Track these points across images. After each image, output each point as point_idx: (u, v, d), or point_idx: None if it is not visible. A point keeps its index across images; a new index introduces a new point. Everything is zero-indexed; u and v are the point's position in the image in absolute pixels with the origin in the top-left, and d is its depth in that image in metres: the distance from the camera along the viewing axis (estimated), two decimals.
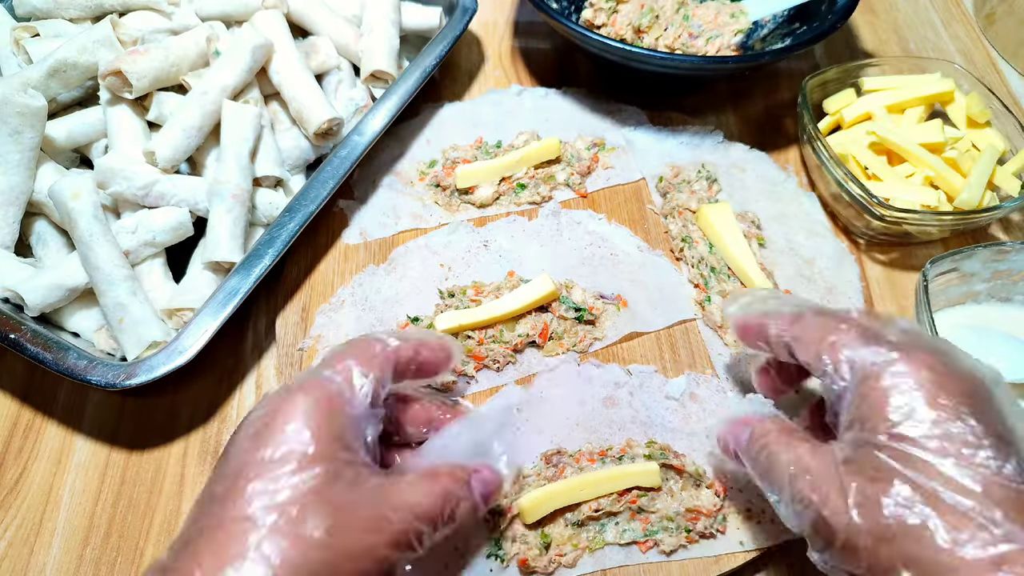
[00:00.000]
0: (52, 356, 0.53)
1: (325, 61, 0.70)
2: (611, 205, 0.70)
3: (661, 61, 0.66)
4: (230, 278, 0.57)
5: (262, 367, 0.62)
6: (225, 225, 0.59)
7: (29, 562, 0.53)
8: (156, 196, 0.60)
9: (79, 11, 0.68)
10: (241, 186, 0.60)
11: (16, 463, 0.57)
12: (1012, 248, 0.60)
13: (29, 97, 0.57)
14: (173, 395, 0.60)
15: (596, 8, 0.76)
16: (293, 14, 0.72)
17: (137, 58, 0.61)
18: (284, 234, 0.59)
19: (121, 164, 0.59)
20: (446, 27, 0.73)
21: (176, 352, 0.53)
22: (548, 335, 0.59)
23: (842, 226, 0.70)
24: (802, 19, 0.76)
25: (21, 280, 0.56)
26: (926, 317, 0.56)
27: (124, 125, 0.62)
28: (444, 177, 0.69)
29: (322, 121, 0.65)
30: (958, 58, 0.86)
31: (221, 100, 0.62)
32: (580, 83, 0.80)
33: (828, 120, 0.72)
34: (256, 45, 0.64)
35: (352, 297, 0.63)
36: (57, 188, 0.56)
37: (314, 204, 0.61)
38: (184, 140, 0.61)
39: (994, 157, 0.65)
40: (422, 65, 0.69)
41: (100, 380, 0.52)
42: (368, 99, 0.71)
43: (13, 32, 0.66)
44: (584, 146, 0.72)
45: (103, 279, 0.55)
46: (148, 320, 0.56)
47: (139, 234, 0.59)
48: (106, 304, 0.56)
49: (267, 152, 0.64)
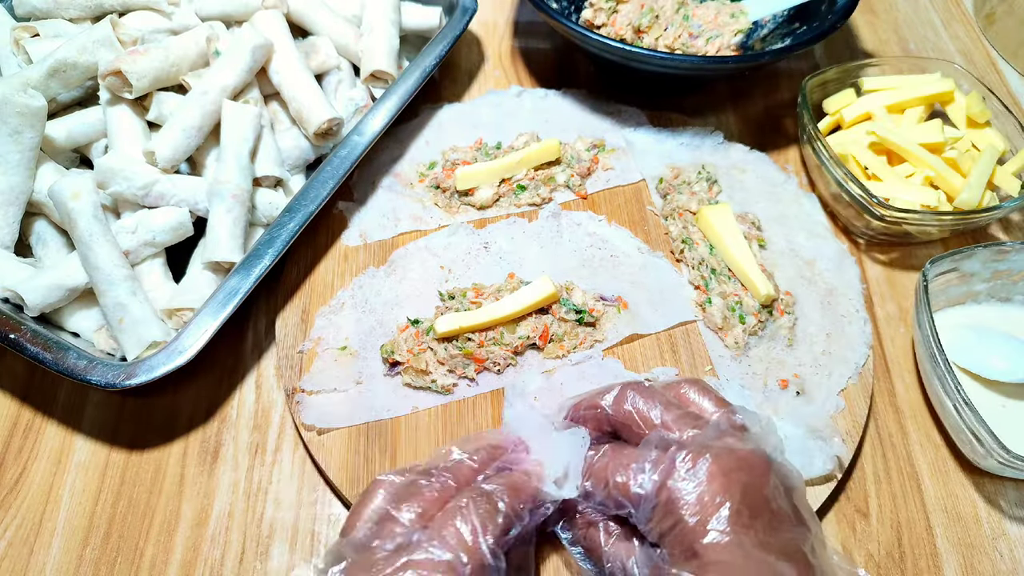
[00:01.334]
0: (52, 356, 0.53)
1: (325, 61, 0.70)
2: (611, 206, 0.70)
3: (661, 61, 0.66)
4: (230, 278, 0.57)
5: (262, 367, 0.62)
6: (225, 225, 0.59)
7: (29, 562, 0.53)
8: (156, 196, 0.60)
9: (79, 11, 0.68)
10: (241, 186, 0.60)
11: (16, 463, 0.57)
12: (1012, 248, 0.60)
13: (29, 97, 0.57)
14: (173, 395, 0.60)
15: (596, 8, 0.76)
16: (293, 14, 0.72)
17: (137, 58, 0.61)
18: (284, 234, 0.59)
19: (121, 164, 0.59)
20: (446, 27, 0.73)
21: (176, 352, 0.53)
22: (548, 337, 0.59)
23: (842, 226, 0.70)
24: (802, 19, 0.76)
25: (21, 280, 0.56)
26: (926, 317, 0.56)
27: (124, 125, 0.62)
28: (444, 179, 0.69)
29: (322, 121, 0.65)
30: (958, 58, 0.86)
31: (221, 100, 0.62)
32: (580, 84, 0.80)
33: (828, 120, 0.72)
34: (256, 45, 0.64)
35: (352, 299, 0.63)
36: (57, 188, 0.56)
37: (314, 204, 0.61)
38: (184, 140, 0.61)
39: (994, 157, 0.65)
40: (422, 65, 0.69)
41: (100, 380, 0.52)
42: (368, 99, 0.71)
43: (13, 32, 0.67)
44: (584, 147, 0.72)
45: (103, 279, 0.55)
46: (148, 320, 0.56)
47: (139, 234, 0.59)
48: (106, 304, 0.56)
49: (267, 152, 0.64)
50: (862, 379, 0.59)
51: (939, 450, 0.59)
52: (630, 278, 0.64)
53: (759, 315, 0.61)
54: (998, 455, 0.51)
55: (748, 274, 0.62)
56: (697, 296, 0.63)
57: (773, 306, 0.62)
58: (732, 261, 0.63)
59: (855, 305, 0.63)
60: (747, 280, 0.62)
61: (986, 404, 0.58)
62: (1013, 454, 0.50)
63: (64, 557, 0.53)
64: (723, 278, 0.63)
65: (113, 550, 0.53)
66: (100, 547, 0.53)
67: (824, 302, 0.63)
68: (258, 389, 0.61)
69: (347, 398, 0.57)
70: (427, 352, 0.58)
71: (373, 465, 0.54)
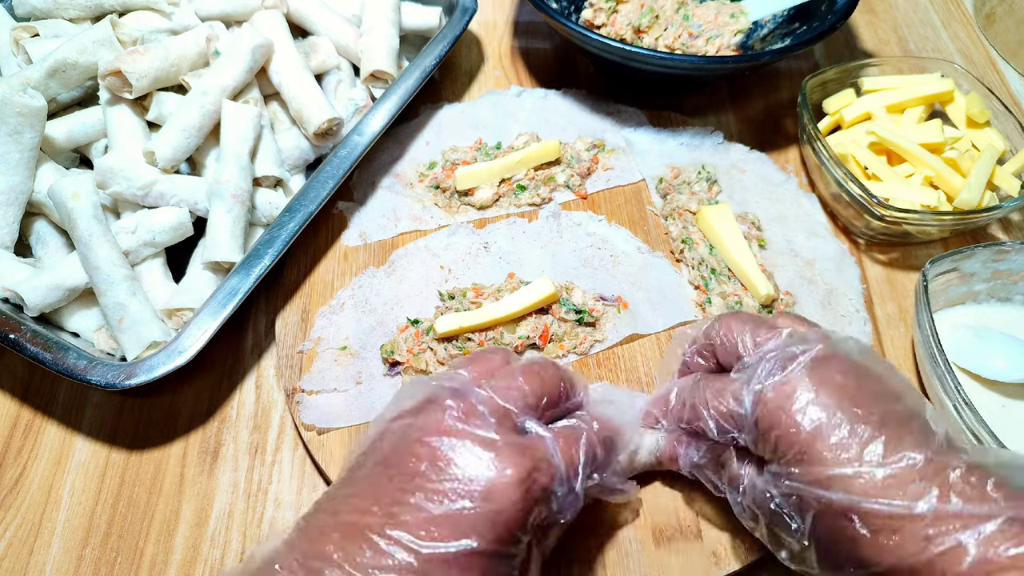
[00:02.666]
0: (52, 356, 0.53)
1: (325, 61, 0.70)
2: (611, 206, 0.70)
3: (661, 61, 0.66)
4: (230, 278, 0.57)
5: (262, 367, 0.62)
6: (225, 225, 0.59)
7: (29, 562, 0.53)
8: (156, 196, 0.60)
9: (79, 11, 0.68)
10: (241, 186, 0.60)
11: (16, 463, 0.57)
12: (1012, 248, 0.60)
13: (29, 97, 0.57)
14: (173, 395, 0.60)
15: (596, 8, 0.76)
16: (293, 14, 0.72)
17: (137, 58, 0.61)
18: (284, 234, 0.59)
19: (121, 164, 0.59)
20: (446, 27, 0.73)
21: (176, 352, 0.53)
22: (548, 337, 0.59)
23: (842, 226, 0.70)
24: (802, 19, 0.76)
25: (21, 280, 0.56)
26: (926, 317, 0.56)
27: (124, 125, 0.62)
28: (444, 179, 0.69)
29: (322, 121, 0.65)
30: (958, 58, 0.86)
31: (221, 100, 0.62)
32: (580, 84, 0.80)
33: (828, 120, 0.72)
34: (256, 45, 0.64)
35: (352, 299, 0.63)
36: (57, 188, 0.56)
37: (314, 204, 0.61)
38: (184, 140, 0.61)
39: (994, 157, 0.65)
40: (422, 65, 0.69)
41: (100, 380, 0.52)
42: (368, 99, 0.71)
43: (13, 32, 0.67)
44: (584, 147, 0.72)
45: (103, 279, 0.55)
46: (148, 320, 0.56)
47: (139, 234, 0.59)
48: (106, 304, 0.56)
49: (267, 152, 0.64)
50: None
51: None
52: (630, 278, 0.64)
53: None
54: None
55: (748, 274, 0.62)
56: (697, 296, 0.63)
57: (773, 306, 0.62)
58: (732, 261, 0.63)
59: (855, 305, 0.63)
60: (747, 280, 0.62)
61: (986, 404, 0.58)
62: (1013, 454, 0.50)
63: (64, 557, 0.53)
64: (723, 278, 0.63)
65: (113, 550, 0.53)
66: (100, 547, 0.53)
67: (824, 302, 0.63)
68: (258, 389, 0.61)
69: (347, 398, 0.57)
70: (427, 352, 0.58)
71: None
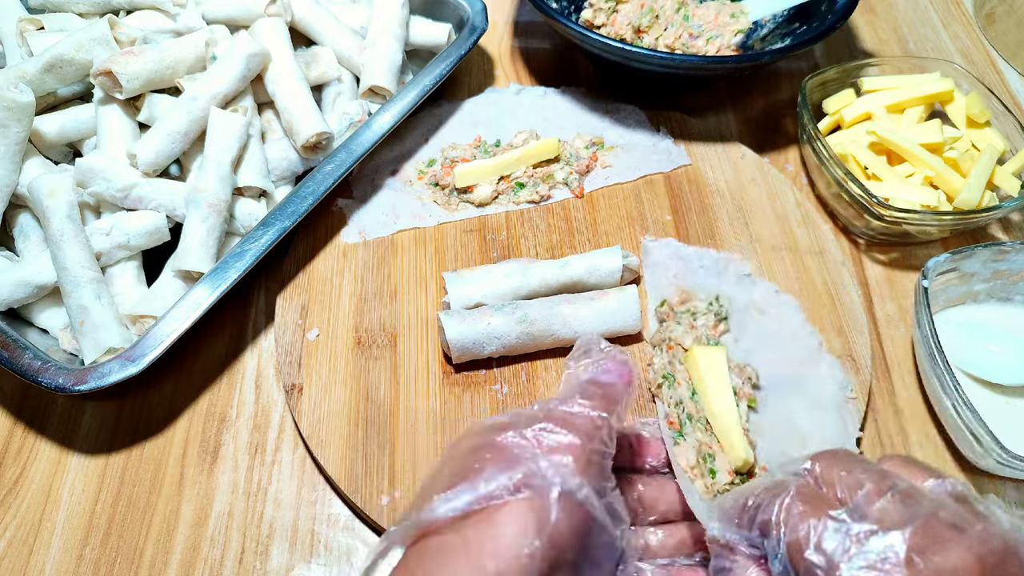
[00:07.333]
0: (8, 354, 0.52)
1: (325, 72, 0.69)
2: (609, 204, 0.70)
3: (661, 61, 0.66)
4: (194, 289, 0.56)
5: (262, 367, 0.62)
6: (198, 234, 0.58)
7: (28, 562, 0.53)
8: (135, 199, 0.59)
9: (88, 6, 0.68)
10: (219, 195, 0.59)
11: (16, 463, 0.57)
12: (1012, 248, 0.60)
13: (17, 92, 0.57)
14: (173, 395, 0.60)
15: (596, 8, 0.76)
16: (298, 23, 0.71)
17: (130, 59, 0.60)
18: (255, 248, 0.58)
19: (102, 164, 0.59)
20: (451, 46, 0.71)
21: (129, 361, 0.52)
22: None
23: (842, 226, 0.70)
24: (802, 19, 0.76)
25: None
26: (926, 317, 0.56)
27: (113, 124, 0.62)
28: (443, 176, 0.69)
29: (311, 134, 0.64)
30: (958, 58, 0.86)
31: (210, 107, 0.61)
32: (579, 83, 0.79)
33: (828, 120, 0.72)
34: (250, 53, 0.63)
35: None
36: (35, 184, 0.56)
37: (290, 220, 0.60)
38: (168, 145, 0.60)
39: (994, 157, 0.65)
40: (421, 83, 0.68)
41: (50, 383, 0.51)
42: (364, 114, 0.69)
43: (19, 24, 0.66)
44: (583, 145, 0.72)
45: (69, 280, 0.55)
46: (108, 325, 0.55)
47: (113, 236, 0.58)
48: (70, 305, 0.55)
49: (252, 162, 0.63)
50: (861, 379, 0.59)
51: (938, 450, 0.59)
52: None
53: (732, 475, 0.52)
54: (997, 455, 0.51)
55: (728, 434, 0.53)
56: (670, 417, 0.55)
57: (747, 476, 0.53)
58: (712, 415, 0.54)
59: None
60: (725, 440, 0.53)
61: (985, 404, 0.58)
62: (1012, 454, 0.50)
63: (63, 557, 0.53)
64: (699, 426, 0.54)
65: (113, 550, 0.53)
66: (99, 547, 0.53)
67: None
68: (258, 389, 0.61)
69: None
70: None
71: (372, 461, 0.55)
